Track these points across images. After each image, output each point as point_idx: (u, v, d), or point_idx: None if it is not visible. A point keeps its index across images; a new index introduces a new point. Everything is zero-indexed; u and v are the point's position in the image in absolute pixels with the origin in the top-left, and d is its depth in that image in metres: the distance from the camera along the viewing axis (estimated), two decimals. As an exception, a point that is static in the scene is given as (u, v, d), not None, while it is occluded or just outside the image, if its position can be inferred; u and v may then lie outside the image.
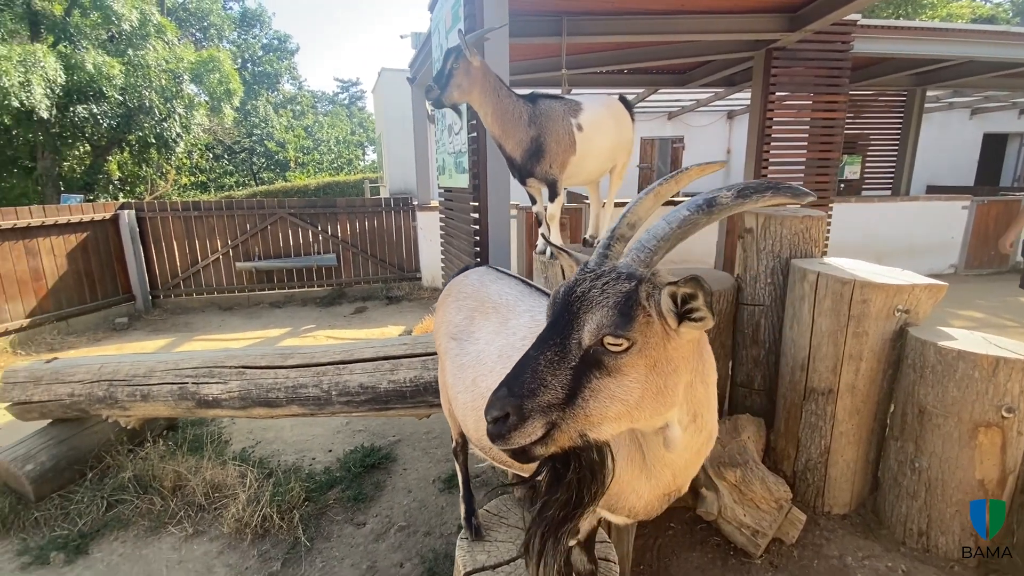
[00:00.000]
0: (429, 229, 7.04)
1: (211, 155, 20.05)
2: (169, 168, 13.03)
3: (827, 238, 5.64)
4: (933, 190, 10.18)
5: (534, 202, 2.26)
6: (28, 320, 5.28)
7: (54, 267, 5.52)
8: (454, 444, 1.64)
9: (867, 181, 8.77)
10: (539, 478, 0.91)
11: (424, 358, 2.03)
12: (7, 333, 5.10)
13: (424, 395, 2.00)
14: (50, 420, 2.64)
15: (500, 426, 0.75)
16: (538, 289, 1.27)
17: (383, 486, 2.69)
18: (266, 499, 2.35)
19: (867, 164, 8.71)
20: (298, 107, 26.95)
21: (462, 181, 3.82)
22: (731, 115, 11.83)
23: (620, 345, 0.75)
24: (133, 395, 2.33)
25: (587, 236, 2.57)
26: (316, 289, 7.09)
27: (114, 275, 6.15)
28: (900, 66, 6.65)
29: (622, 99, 2.39)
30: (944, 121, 11.12)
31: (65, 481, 2.54)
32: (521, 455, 0.77)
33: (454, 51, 1.86)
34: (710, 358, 0.94)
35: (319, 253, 7.04)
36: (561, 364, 0.76)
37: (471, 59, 1.86)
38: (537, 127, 1.97)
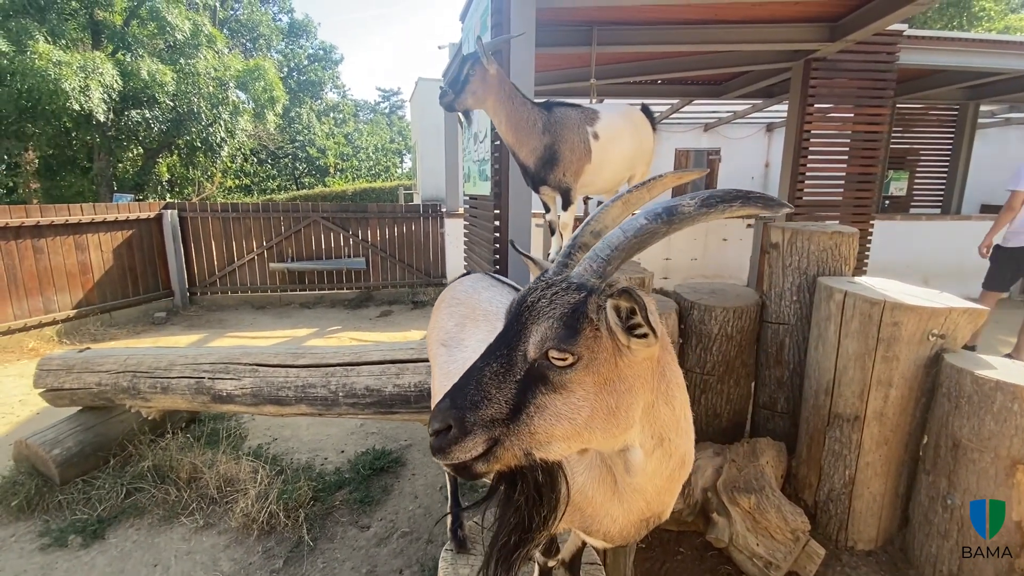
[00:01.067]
0: (456, 235, 7.09)
1: (255, 159, 20.88)
2: (215, 171, 13.62)
3: (867, 256, 5.39)
4: (987, 210, 9.60)
5: (548, 210, 2.24)
6: (75, 311, 5.58)
7: (101, 262, 5.82)
8: None
9: (915, 198, 8.36)
10: (490, 500, 0.87)
11: (430, 364, 2.02)
12: (55, 323, 5.40)
13: (427, 401, 1.99)
14: (80, 408, 2.77)
15: (441, 439, 0.72)
16: None
17: (390, 490, 2.69)
18: (274, 496, 2.38)
19: (915, 181, 8.31)
20: (340, 115, 27.81)
21: (485, 189, 3.84)
22: (770, 127, 11.52)
23: (565, 360, 0.72)
24: (154, 387, 2.41)
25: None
26: (345, 291, 7.23)
27: (155, 271, 6.44)
28: (951, 79, 6.33)
29: (644, 109, 2.34)
30: (1001, 138, 10.50)
31: (89, 467, 2.65)
32: (463, 471, 0.74)
33: (470, 58, 1.86)
34: (676, 377, 0.89)
35: (349, 256, 7.19)
36: (506, 377, 0.73)
37: (488, 66, 1.86)
38: (551, 135, 1.95)
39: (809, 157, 5.11)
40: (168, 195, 12.52)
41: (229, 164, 13.81)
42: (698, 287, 2.87)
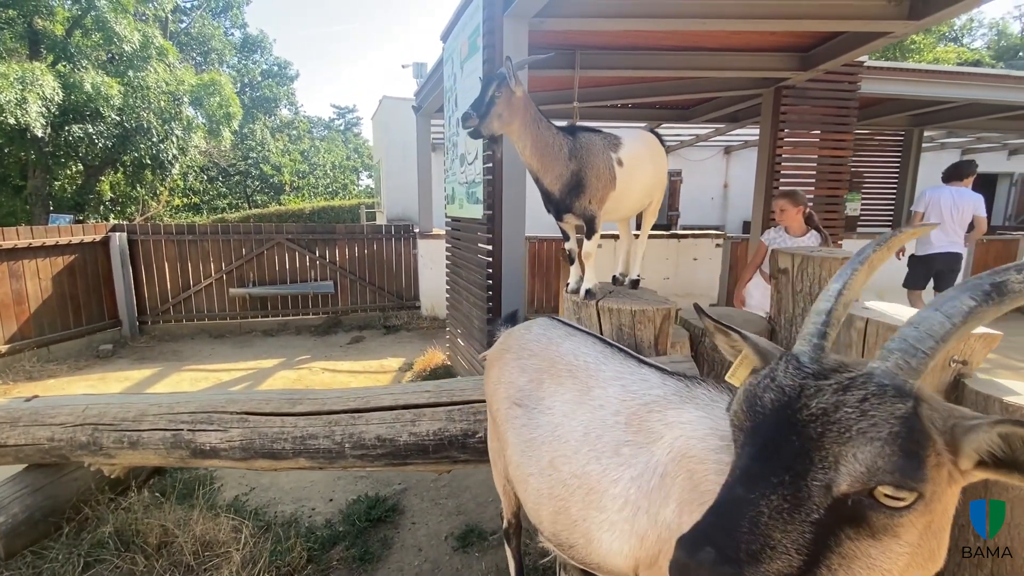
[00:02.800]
0: (430, 257, 6.90)
1: (205, 177, 19.92)
2: (163, 189, 12.85)
3: (836, 275, 5.57)
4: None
5: (567, 238, 2.13)
6: (6, 346, 5.00)
7: (38, 290, 5.27)
8: (505, 525, 1.43)
9: (863, 218, 8.84)
10: None
11: (449, 408, 1.85)
12: (-18, 360, 4.81)
13: (448, 450, 1.81)
14: (25, 465, 2.40)
15: None
16: (621, 349, 1.12)
17: (391, 543, 2.45)
18: (264, 561, 2.11)
19: (863, 201, 8.80)
20: (294, 132, 27.08)
21: (474, 212, 3.70)
22: (728, 150, 11.99)
23: (903, 500, 0.55)
24: (120, 441, 2.10)
25: (617, 274, 2.43)
26: (311, 317, 6.86)
27: (100, 299, 5.89)
28: (902, 107, 6.76)
29: (655, 133, 2.29)
30: (937, 160, 11.34)
31: (39, 535, 2.28)
32: None
33: (496, 79, 1.75)
34: None
35: (316, 280, 6.85)
36: (794, 516, 0.55)
37: (515, 89, 1.75)
38: (577, 161, 1.86)
39: (780, 180, 5.28)
40: (111, 215, 11.67)
41: (179, 182, 13.07)
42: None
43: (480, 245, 3.71)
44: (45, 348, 5.32)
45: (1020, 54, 24.61)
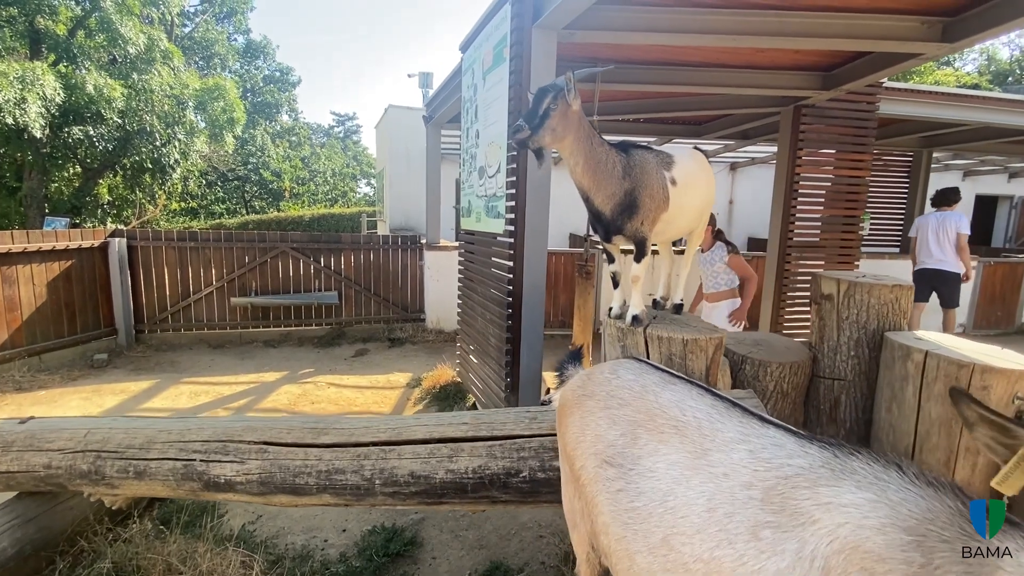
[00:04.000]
0: (437, 269, 6.76)
1: (204, 182, 19.74)
2: (161, 193, 12.66)
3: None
4: (933, 248, 10.27)
5: (611, 261, 2.00)
6: (-3, 354, 4.79)
7: (31, 297, 5.07)
8: None
9: (869, 238, 8.81)
10: None
11: (490, 444, 1.70)
12: (-29, 369, 4.60)
13: (489, 489, 1.66)
14: (16, 493, 2.22)
15: None
16: (735, 403, 0.98)
17: (411, 581, 2.29)
18: (278, 604, 1.94)
19: (872, 222, 8.77)
20: (295, 138, 27.00)
21: (495, 226, 3.58)
22: (734, 167, 11.99)
23: None
24: (125, 471, 1.93)
25: (658, 297, 2.31)
26: (314, 328, 6.68)
27: (96, 306, 5.70)
28: (914, 128, 6.75)
29: (701, 151, 2.19)
30: (939, 182, 11.37)
31: (30, 571, 2.09)
32: None
33: (551, 90, 1.63)
34: None
35: (320, 290, 6.68)
36: None
37: (571, 102, 1.63)
38: (631, 180, 1.74)
39: (799, 199, 5.21)
40: (108, 219, 11.46)
41: (178, 187, 12.89)
42: (741, 338, 2.70)
43: (500, 260, 3.59)
44: (37, 357, 5.12)
45: (1009, 79, 25.09)
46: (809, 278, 5.40)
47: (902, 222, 8.32)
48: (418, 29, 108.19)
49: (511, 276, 3.38)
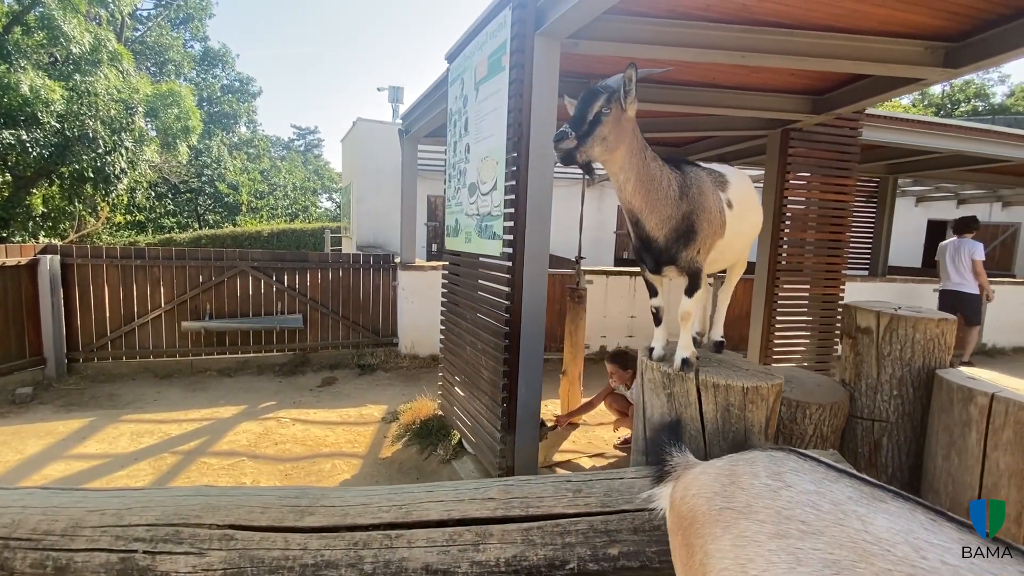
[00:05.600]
0: (412, 291, 6.36)
1: (153, 194, 18.58)
2: (103, 205, 11.69)
3: (837, 319, 5.46)
4: (892, 271, 10.65)
5: (655, 294, 1.73)
6: None
7: (-59, 322, 4.37)
8: None
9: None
10: None
11: (526, 526, 1.36)
12: None
13: (527, 588, 1.32)
14: None
15: None
16: (1001, 541, 0.71)
17: None
18: None
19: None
20: (253, 150, 25.97)
21: (490, 248, 3.27)
22: (704, 189, 12.14)
23: None
24: (42, 566, 1.47)
25: (694, 334, 2.04)
26: (276, 354, 6.13)
27: (21, 332, 5.00)
28: (884, 155, 6.91)
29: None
30: (898, 207, 11.89)
31: None
32: None
33: (603, 91, 1.36)
34: None
35: (283, 313, 6.16)
36: None
37: (627, 106, 1.37)
38: (688, 202, 1.49)
39: (786, 222, 5.15)
40: (41, 232, 10.44)
41: (124, 198, 11.96)
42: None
43: (494, 285, 3.27)
44: (-56, 392, 4.40)
45: (940, 113, 27.12)
46: (796, 302, 5.35)
47: (869, 246, 8.52)
48: (383, 45, 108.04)
49: (508, 303, 3.07)
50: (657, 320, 1.77)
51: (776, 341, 5.32)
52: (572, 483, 1.46)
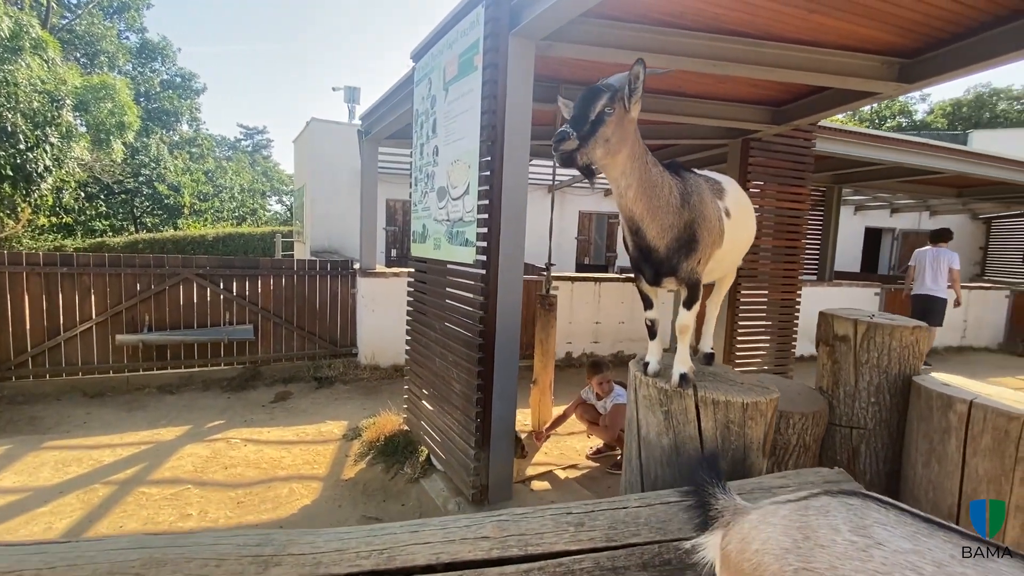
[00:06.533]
0: (373, 298, 6.11)
1: (83, 194, 17.21)
2: (24, 206, 10.67)
3: (796, 323, 5.64)
4: (838, 275, 11.22)
5: (650, 306, 1.65)
6: None
7: None
8: None
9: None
10: None
11: (526, 567, 1.22)
12: None
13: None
14: None
15: None
16: None
17: None
18: None
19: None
20: (196, 150, 24.58)
21: (461, 255, 3.13)
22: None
23: None
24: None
25: (699, 347, 1.98)
26: (224, 368, 5.72)
27: (-77, 349, 4.41)
28: (830, 165, 7.25)
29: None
30: (841, 215, 12.56)
31: None
32: None
33: (606, 90, 1.26)
34: None
35: (232, 323, 5.75)
36: None
37: (631, 107, 1.27)
38: (690, 210, 1.41)
39: (747, 230, 5.27)
40: (-52, 235, 9.38)
41: (49, 199, 10.97)
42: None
43: (466, 294, 3.12)
44: None
45: (887, 123, 29.12)
46: (756, 307, 5.49)
47: (818, 252, 8.93)
48: (337, 45, 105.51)
49: (482, 313, 2.93)
50: (652, 333, 1.69)
51: (738, 345, 5.42)
52: (573, 515, 1.34)
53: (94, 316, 5.13)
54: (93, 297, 5.14)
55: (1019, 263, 11.68)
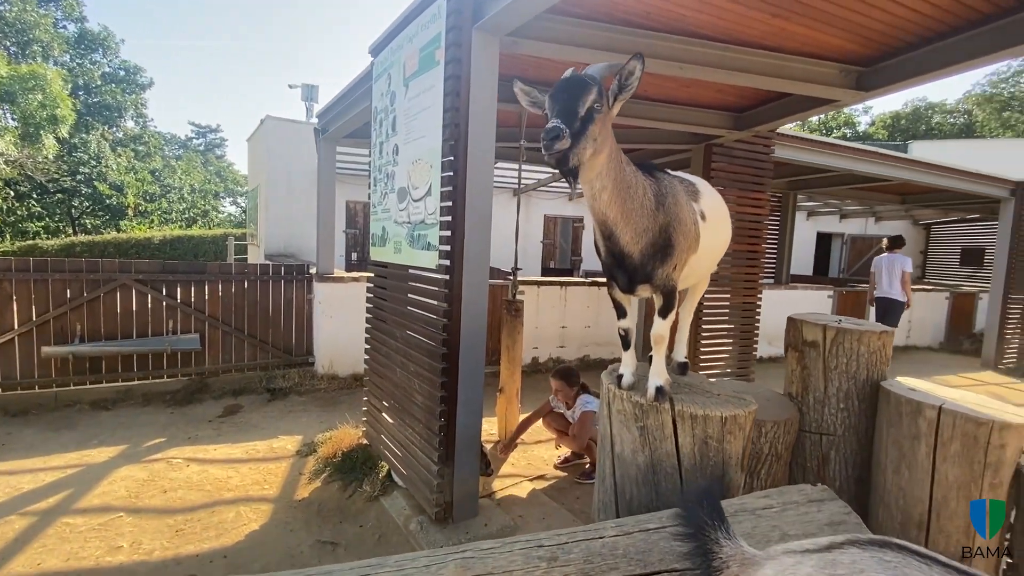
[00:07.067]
0: (330, 304, 5.83)
1: (12, 193, 15.96)
2: (-57, 205, 9.75)
3: (757, 325, 5.73)
4: (793, 279, 11.60)
5: (623, 315, 1.54)
6: None
7: None
8: None
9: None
10: None
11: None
12: None
13: None
14: None
15: None
16: None
17: None
18: None
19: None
20: (142, 148, 23.27)
21: (423, 259, 2.97)
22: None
23: None
24: None
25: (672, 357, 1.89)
26: (167, 380, 5.32)
27: None
28: (787, 172, 7.46)
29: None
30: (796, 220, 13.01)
31: None
32: None
33: (594, 83, 1.14)
34: None
35: (176, 332, 5.37)
36: None
37: (614, 106, 1.16)
38: (665, 213, 1.31)
39: (710, 234, 5.32)
40: None
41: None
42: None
43: (429, 300, 2.97)
44: None
45: (833, 133, 30.58)
46: (719, 310, 5.54)
47: (775, 256, 9.18)
48: (294, 41, 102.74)
49: (446, 321, 2.78)
50: (626, 343, 1.59)
51: (702, 349, 5.46)
52: (545, 548, 1.21)
53: (15, 326, 4.67)
54: (15, 305, 4.68)
55: (956, 266, 12.40)
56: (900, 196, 9.81)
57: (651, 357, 1.90)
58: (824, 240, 14.35)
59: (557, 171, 1.20)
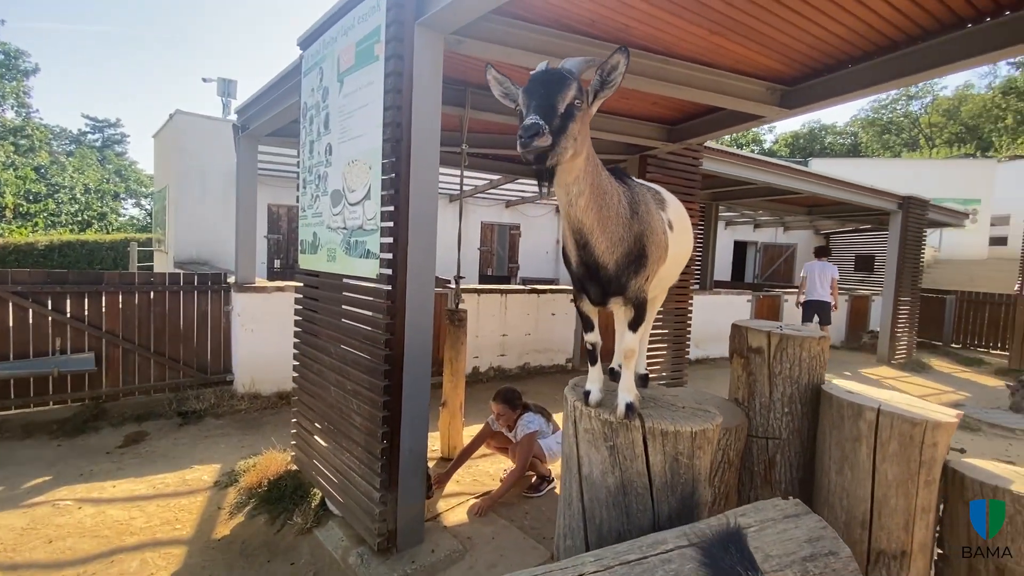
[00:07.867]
0: (251, 317, 5.36)
1: None
2: None
3: (689, 329, 5.94)
4: (716, 284, 12.30)
5: (590, 328, 1.46)
6: None
7: None
8: None
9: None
10: None
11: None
12: None
13: None
14: None
15: None
16: None
17: None
18: None
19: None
20: (25, 141, 20.56)
21: (362, 268, 2.76)
22: (559, 210, 12.75)
23: None
24: None
25: (615, 366, 1.83)
26: (54, 408, 4.62)
27: None
28: (711, 184, 7.88)
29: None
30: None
31: None
32: None
33: (572, 78, 1.04)
34: None
35: (66, 351, 4.69)
36: None
37: (594, 104, 1.07)
38: (639, 221, 1.24)
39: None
40: None
41: None
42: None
43: (368, 313, 2.75)
44: None
45: (743, 150, 33.05)
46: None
47: (700, 263, 9.66)
48: (208, 30, 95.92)
49: (389, 335, 2.59)
50: (593, 358, 1.51)
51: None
52: (520, 593, 1.09)
53: None
54: None
55: (852, 272, 13.71)
56: (807, 208, 10.70)
57: (612, 370, 1.84)
58: (740, 248, 15.37)
59: (533, 172, 1.09)
